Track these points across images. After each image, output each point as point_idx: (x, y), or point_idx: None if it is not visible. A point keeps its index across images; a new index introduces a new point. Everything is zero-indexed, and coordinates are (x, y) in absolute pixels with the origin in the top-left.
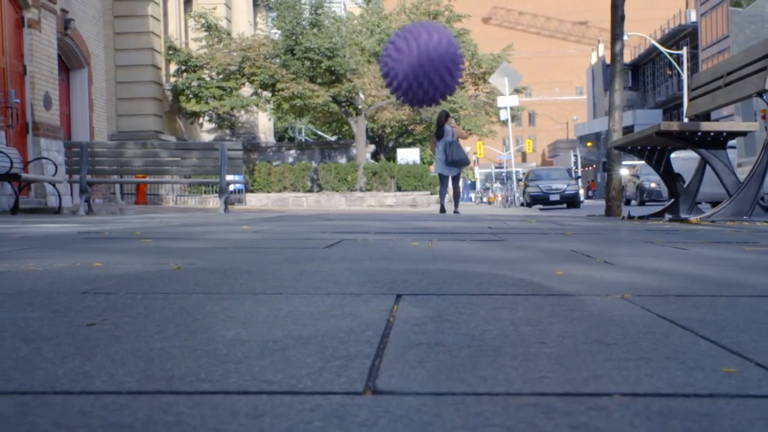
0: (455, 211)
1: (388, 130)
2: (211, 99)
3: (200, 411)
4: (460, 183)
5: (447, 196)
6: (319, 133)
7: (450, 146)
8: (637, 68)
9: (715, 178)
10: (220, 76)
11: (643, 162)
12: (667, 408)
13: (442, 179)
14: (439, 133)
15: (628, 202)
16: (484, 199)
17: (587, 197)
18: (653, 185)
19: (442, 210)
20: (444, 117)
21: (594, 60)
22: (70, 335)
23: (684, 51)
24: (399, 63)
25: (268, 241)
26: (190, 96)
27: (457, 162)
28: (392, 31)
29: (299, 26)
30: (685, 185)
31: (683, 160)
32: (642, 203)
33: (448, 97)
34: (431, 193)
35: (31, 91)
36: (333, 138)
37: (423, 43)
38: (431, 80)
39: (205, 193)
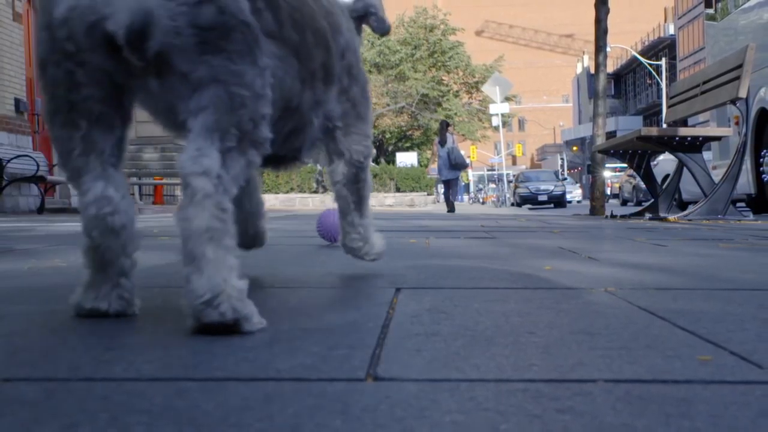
0: (452, 210)
1: (387, 135)
2: None
3: (214, 397)
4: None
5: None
6: None
7: (452, 151)
8: (619, 78)
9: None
10: None
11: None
12: (647, 393)
13: (445, 183)
14: (443, 140)
15: (624, 203)
16: (480, 199)
17: (585, 197)
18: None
19: (452, 209)
20: (445, 125)
21: (579, 70)
22: (92, 326)
23: (663, 62)
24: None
25: (276, 239)
26: None
27: (459, 165)
28: (391, 43)
29: None
30: (664, 186)
31: (672, 161)
32: (639, 203)
33: (445, 105)
34: (428, 194)
35: None
36: None
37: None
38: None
39: None
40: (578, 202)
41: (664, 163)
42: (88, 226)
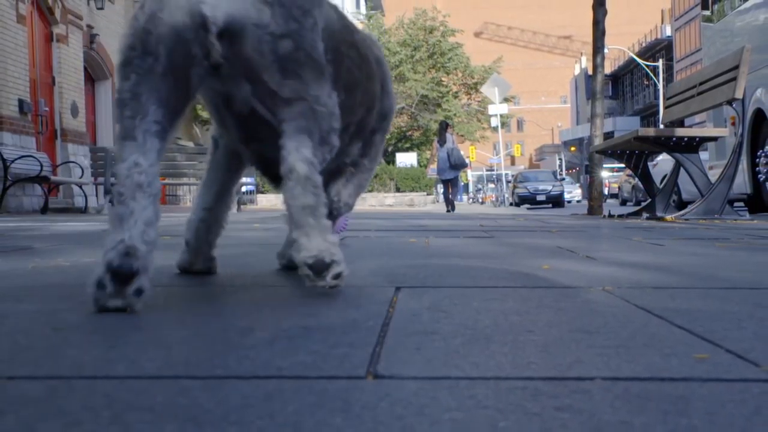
0: (452, 209)
1: (387, 135)
2: None
3: (215, 395)
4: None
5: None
6: None
7: (452, 152)
8: (616, 79)
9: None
10: None
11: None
12: (645, 391)
13: (445, 183)
14: (442, 140)
15: (624, 203)
16: (479, 199)
17: (585, 197)
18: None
19: (452, 209)
20: (445, 126)
21: (577, 71)
22: (95, 325)
23: (660, 63)
24: None
25: (278, 238)
26: None
27: (459, 165)
28: (391, 45)
29: None
30: (661, 186)
31: (671, 161)
32: (638, 203)
33: (444, 106)
34: (428, 194)
35: (60, 100)
36: None
37: None
38: None
39: None
40: (578, 201)
41: (664, 163)
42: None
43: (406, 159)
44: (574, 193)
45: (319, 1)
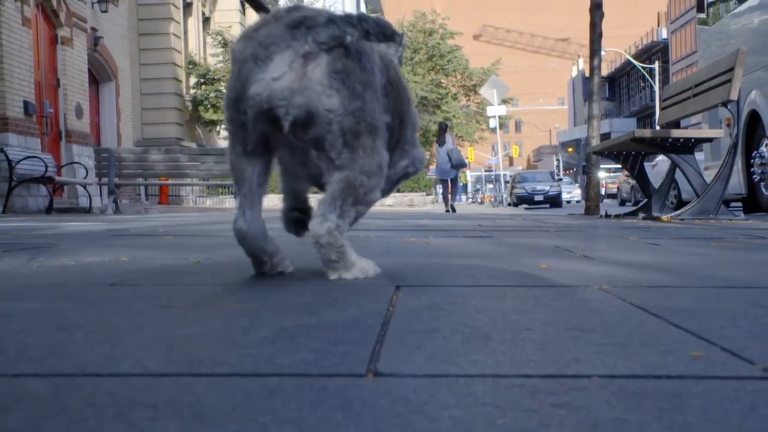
0: (452, 210)
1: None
2: None
3: (218, 392)
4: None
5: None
6: None
7: (452, 152)
8: (613, 81)
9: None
10: None
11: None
12: (641, 388)
13: (444, 183)
14: (441, 141)
15: (623, 203)
16: (478, 198)
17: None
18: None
19: (449, 209)
20: (444, 127)
21: (574, 73)
22: (99, 323)
23: (656, 65)
24: None
25: (279, 238)
26: (208, 106)
27: (458, 165)
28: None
29: None
30: (658, 186)
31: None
32: (637, 203)
33: (443, 108)
34: (427, 194)
35: (64, 102)
36: None
37: None
38: None
39: (222, 194)
40: (577, 201)
41: (664, 163)
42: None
43: None
44: (573, 193)
45: (377, 65)
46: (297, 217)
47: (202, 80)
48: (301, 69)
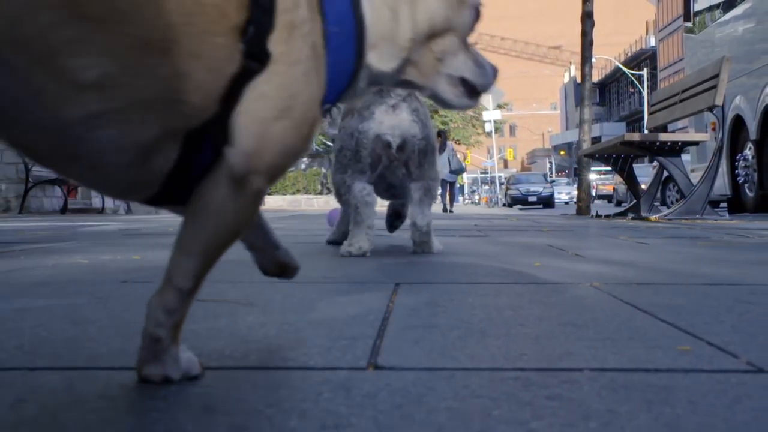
0: (450, 210)
1: None
2: None
3: (225, 384)
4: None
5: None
6: (328, 143)
7: (451, 158)
8: (604, 86)
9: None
10: None
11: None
12: (630, 381)
13: (443, 185)
14: (442, 148)
15: (619, 204)
16: (476, 199)
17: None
18: (642, 187)
19: (445, 209)
20: (440, 134)
21: (566, 79)
22: (111, 319)
23: (645, 71)
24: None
25: (283, 237)
26: None
27: (457, 171)
28: None
29: None
30: (646, 188)
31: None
32: None
33: (441, 112)
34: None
35: None
36: None
37: None
38: None
39: None
40: (576, 202)
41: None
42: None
43: None
44: (573, 194)
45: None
46: (392, 218)
47: None
48: (394, 113)
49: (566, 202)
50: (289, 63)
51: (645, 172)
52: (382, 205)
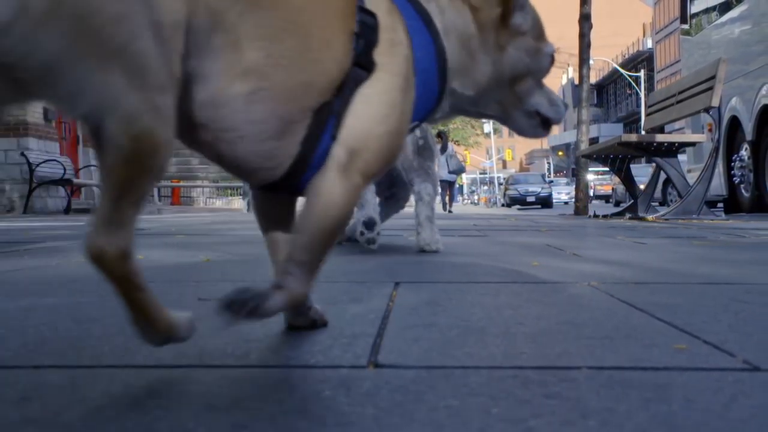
0: (449, 210)
1: None
2: None
3: (227, 382)
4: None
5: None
6: None
7: (451, 158)
8: (601, 88)
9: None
10: None
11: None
12: (628, 379)
13: (443, 185)
14: (443, 149)
15: (618, 204)
16: (475, 199)
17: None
18: (641, 187)
19: (444, 208)
20: (445, 136)
21: (564, 81)
22: (114, 317)
23: (642, 73)
24: None
25: None
26: None
27: (457, 171)
28: None
29: None
30: (643, 188)
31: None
32: None
33: None
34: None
35: None
36: None
37: None
38: None
39: (230, 195)
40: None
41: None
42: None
43: None
44: (572, 194)
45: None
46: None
47: None
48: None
49: (565, 202)
50: (390, 73)
51: (644, 172)
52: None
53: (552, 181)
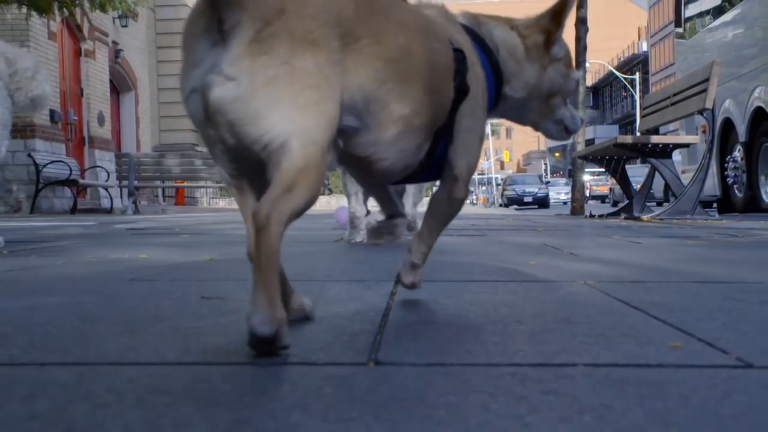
0: None
1: None
2: None
3: (230, 379)
4: None
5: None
6: None
7: None
8: (597, 90)
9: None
10: None
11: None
12: (624, 376)
13: None
14: None
15: (615, 204)
16: (473, 199)
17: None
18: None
19: None
20: None
21: None
22: (119, 316)
23: (637, 76)
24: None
25: (286, 237)
26: None
27: None
28: None
29: None
30: (638, 188)
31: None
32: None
33: None
34: (426, 196)
35: (87, 110)
36: None
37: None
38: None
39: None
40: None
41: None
42: None
43: None
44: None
45: None
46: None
47: None
48: None
49: (564, 202)
50: (476, 95)
51: (642, 173)
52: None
53: (549, 182)
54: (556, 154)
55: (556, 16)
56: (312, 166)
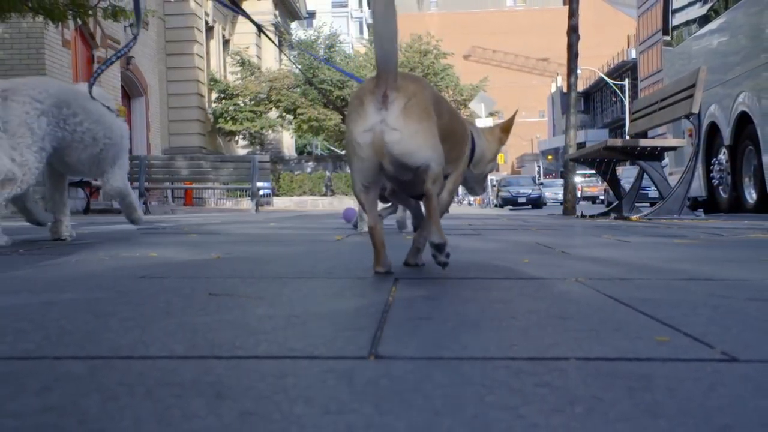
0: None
1: None
2: (245, 120)
3: (236, 373)
4: None
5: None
6: (332, 147)
7: None
8: (588, 95)
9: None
10: (252, 102)
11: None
12: (614, 370)
13: None
14: None
15: (609, 205)
16: (469, 200)
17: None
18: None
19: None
20: None
21: (553, 89)
22: (130, 311)
23: (626, 82)
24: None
25: (290, 236)
26: (228, 118)
27: None
28: None
29: (315, 62)
30: (627, 190)
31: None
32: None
33: None
34: None
35: None
36: (343, 152)
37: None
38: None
39: (239, 196)
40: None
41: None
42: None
43: None
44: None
45: None
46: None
47: (222, 95)
48: None
49: (561, 202)
50: (479, 148)
51: (633, 174)
52: (383, 206)
53: (543, 183)
54: (549, 157)
55: (506, 129)
56: (440, 174)
